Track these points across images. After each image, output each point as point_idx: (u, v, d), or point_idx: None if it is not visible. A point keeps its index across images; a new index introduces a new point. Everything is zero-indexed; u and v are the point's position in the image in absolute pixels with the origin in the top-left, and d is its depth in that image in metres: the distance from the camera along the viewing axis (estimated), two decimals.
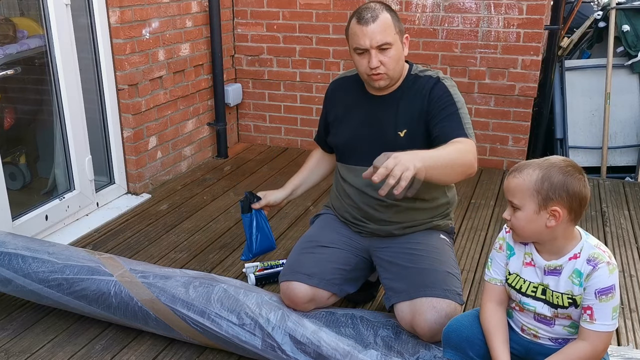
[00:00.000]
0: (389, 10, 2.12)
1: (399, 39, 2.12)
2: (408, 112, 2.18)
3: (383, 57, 2.09)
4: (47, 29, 3.13)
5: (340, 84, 2.37)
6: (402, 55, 2.15)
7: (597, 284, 1.60)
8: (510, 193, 1.65)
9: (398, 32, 2.11)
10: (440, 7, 4.06)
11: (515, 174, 1.64)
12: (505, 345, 1.73)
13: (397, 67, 2.14)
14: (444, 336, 1.84)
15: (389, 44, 2.08)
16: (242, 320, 2.15)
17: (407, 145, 2.12)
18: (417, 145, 2.10)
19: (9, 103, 3.30)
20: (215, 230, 3.33)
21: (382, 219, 2.26)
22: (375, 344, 2.07)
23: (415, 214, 2.26)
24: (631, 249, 3.11)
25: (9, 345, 2.33)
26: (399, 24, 2.12)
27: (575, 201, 1.59)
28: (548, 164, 1.61)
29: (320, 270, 2.23)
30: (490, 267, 1.81)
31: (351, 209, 2.31)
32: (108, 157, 3.68)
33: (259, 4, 4.47)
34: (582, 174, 1.61)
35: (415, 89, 2.19)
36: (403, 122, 2.18)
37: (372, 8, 2.10)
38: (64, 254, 2.44)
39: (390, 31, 2.08)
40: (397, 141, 2.16)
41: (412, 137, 2.16)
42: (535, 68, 4.00)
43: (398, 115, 2.19)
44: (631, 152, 4.25)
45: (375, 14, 2.08)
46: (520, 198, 1.62)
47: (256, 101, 4.74)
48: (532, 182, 1.60)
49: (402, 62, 2.17)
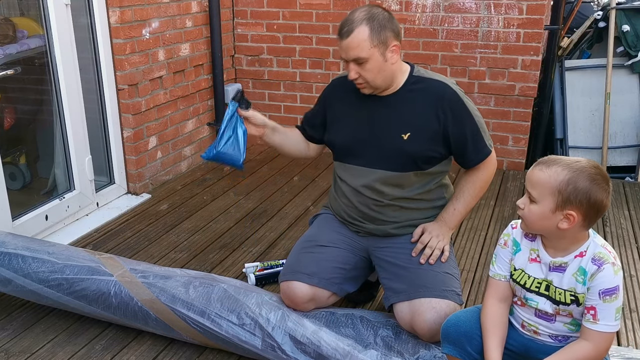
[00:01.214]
0: (370, 21, 2.04)
1: (378, 52, 2.05)
2: (412, 115, 2.16)
3: (360, 70, 2.08)
4: (47, 29, 3.13)
5: (341, 83, 2.33)
6: (385, 66, 2.09)
7: (602, 285, 1.59)
8: (531, 184, 1.63)
9: (377, 45, 2.04)
10: (440, 7, 4.06)
11: (542, 167, 1.61)
12: (499, 345, 1.73)
13: (379, 77, 2.10)
14: (443, 331, 1.84)
15: (363, 59, 2.05)
16: (242, 320, 2.15)
17: (409, 147, 2.15)
18: (420, 148, 2.15)
19: (9, 103, 3.30)
20: (215, 230, 3.33)
21: (379, 219, 2.26)
22: (375, 344, 2.07)
23: (412, 213, 2.27)
24: (631, 249, 3.11)
25: (9, 345, 2.33)
26: (379, 36, 2.04)
27: (593, 210, 1.57)
28: (578, 167, 1.58)
29: (320, 269, 2.23)
30: (494, 262, 1.82)
31: (348, 209, 2.31)
32: (108, 157, 3.68)
33: (259, 4, 4.47)
34: (609, 185, 1.59)
35: (420, 92, 2.17)
36: (407, 125, 2.16)
37: (350, 20, 2.05)
38: (64, 254, 2.44)
39: (365, 46, 2.03)
40: (399, 143, 2.16)
41: (416, 140, 2.15)
42: (535, 68, 4.00)
43: (401, 117, 2.17)
44: (631, 152, 4.25)
45: (351, 28, 2.04)
46: (540, 192, 1.60)
47: (256, 101, 4.74)
48: (557, 181, 1.57)
49: (386, 72, 2.11)
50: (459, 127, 2.15)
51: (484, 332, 1.76)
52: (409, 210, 2.25)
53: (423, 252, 2.20)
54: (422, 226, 2.26)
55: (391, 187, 2.21)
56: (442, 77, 2.23)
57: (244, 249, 3.11)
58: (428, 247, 2.20)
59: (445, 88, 2.16)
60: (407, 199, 2.23)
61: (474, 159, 2.20)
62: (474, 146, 2.17)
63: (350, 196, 2.28)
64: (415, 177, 2.20)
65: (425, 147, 2.16)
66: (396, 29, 2.09)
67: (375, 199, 2.22)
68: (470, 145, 2.17)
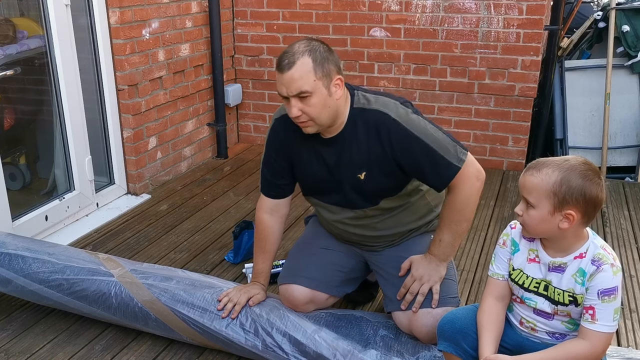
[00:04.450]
0: (312, 52, 1.89)
1: (322, 84, 1.90)
2: (362, 153, 2.02)
3: (303, 106, 1.90)
4: (47, 30, 3.13)
5: (283, 125, 2.11)
6: (329, 101, 1.92)
7: (601, 285, 1.60)
8: (526, 190, 1.62)
9: (321, 77, 1.89)
10: (440, 8, 4.06)
11: (533, 172, 1.61)
12: (494, 341, 1.74)
13: (324, 113, 1.93)
14: (439, 328, 1.85)
15: (307, 92, 1.88)
16: (242, 321, 2.15)
17: (368, 186, 2.04)
18: (380, 183, 2.04)
19: (9, 103, 3.30)
20: (215, 230, 3.33)
21: (368, 245, 2.24)
22: (375, 344, 2.07)
23: (400, 232, 2.21)
24: (631, 249, 3.11)
25: (9, 346, 2.33)
26: (322, 68, 1.89)
27: (591, 205, 1.58)
28: (568, 167, 1.58)
29: (319, 272, 2.22)
30: (493, 262, 1.83)
31: (333, 230, 2.27)
32: (108, 158, 3.68)
33: (259, 5, 4.47)
34: (600, 178, 1.59)
35: (364, 126, 2.00)
36: (359, 164, 2.02)
37: (291, 53, 1.89)
38: (64, 255, 2.44)
39: (308, 78, 1.87)
40: (357, 184, 2.05)
41: (373, 178, 2.03)
42: (535, 68, 4.00)
43: (352, 157, 2.03)
44: (631, 153, 4.25)
45: (292, 59, 1.87)
46: (536, 197, 1.60)
47: (256, 101, 4.74)
48: (550, 183, 1.57)
49: (331, 108, 1.94)
50: (408, 156, 1.98)
51: (480, 329, 1.76)
52: (397, 216, 2.17)
53: (404, 298, 2.08)
54: (409, 260, 2.12)
55: (367, 219, 2.15)
56: (385, 101, 2.02)
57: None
58: (409, 293, 2.07)
59: (385, 118, 1.97)
60: (390, 214, 2.15)
61: (440, 182, 2.01)
62: (434, 170, 1.98)
63: (333, 225, 2.24)
64: (387, 201, 2.11)
65: (385, 182, 2.04)
66: (338, 62, 1.95)
67: (355, 233, 2.19)
68: (429, 170, 1.98)
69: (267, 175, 2.22)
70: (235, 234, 2.94)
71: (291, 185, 2.24)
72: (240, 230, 2.93)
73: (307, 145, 2.09)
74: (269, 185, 2.24)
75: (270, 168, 2.21)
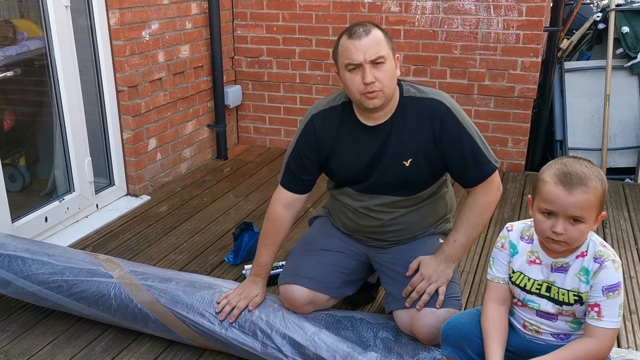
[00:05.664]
0: (381, 28, 2.03)
1: (392, 56, 2.01)
2: (411, 140, 2.08)
3: (377, 73, 1.96)
4: (46, 31, 3.14)
5: (326, 115, 2.17)
6: (394, 74, 2.03)
7: (605, 281, 1.61)
8: (579, 209, 1.56)
9: (391, 49, 2.01)
10: (440, 9, 4.06)
11: (583, 189, 1.55)
12: (501, 348, 1.74)
13: (392, 85, 2.02)
14: (443, 333, 1.84)
15: (383, 58, 1.96)
16: (242, 323, 2.15)
17: (412, 173, 2.10)
18: (422, 173, 2.11)
19: (9, 105, 3.30)
20: (215, 231, 3.33)
21: (381, 238, 2.25)
22: (375, 345, 2.07)
23: (415, 228, 2.25)
24: (631, 251, 3.11)
25: (8, 347, 2.33)
26: (390, 42, 2.03)
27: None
28: (598, 171, 1.59)
29: (319, 273, 2.22)
30: (492, 265, 1.82)
31: (349, 225, 2.29)
32: (108, 159, 3.68)
33: (259, 6, 4.47)
34: None
35: (414, 114, 2.08)
36: (407, 151, 2.08)
37: (363, 24, 2.01)
38: (64, 256, 2.44)
39: (384, 45, 1.98)
40: (401, 171, 2.10)
41: (418, 166, 2.09)
42: (535, 69, 4.00)
43: (400, 144, 2.09)
44: (631, 154, 4.25)
45: (367, 29, 1.98)
46: (590, 212, 1.58)
47: (256, 103, 4.74)
48: (599, 194, 1.57)
49: (394, 82, 2.03)
50: (455, 145, 2.06)
51: (485, 336, 1.76)
52: (420, 210, 2.22)
53: (410, 296, 2.09)
54: (418, 260, 2.14)
55: (394, 209, 2.18)
56: (437, 91, 2.14)
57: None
58: (415, 292, 2.08)
59: (440, 106, 2.07)
60: (416, 207, 2.20)
61: (479, 174, 2.09)
62: (475, 162, 2.07)
63: (351, 216, 2.25)
64: (420, 192, 2.17)
65: (427, 171, 2.11)
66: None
67: (377, 218, 2.20)
68: (470, 162, 2.07)
69: (293, 168, 2.22)
70: (235, 235, 2.94)
71: (314, 182, 2.26)
72: (240, 231, 2.94)
73: (345, 136, 2.14)
74: (292, 178, 2.23)
75: (297, 162, 2.21)
